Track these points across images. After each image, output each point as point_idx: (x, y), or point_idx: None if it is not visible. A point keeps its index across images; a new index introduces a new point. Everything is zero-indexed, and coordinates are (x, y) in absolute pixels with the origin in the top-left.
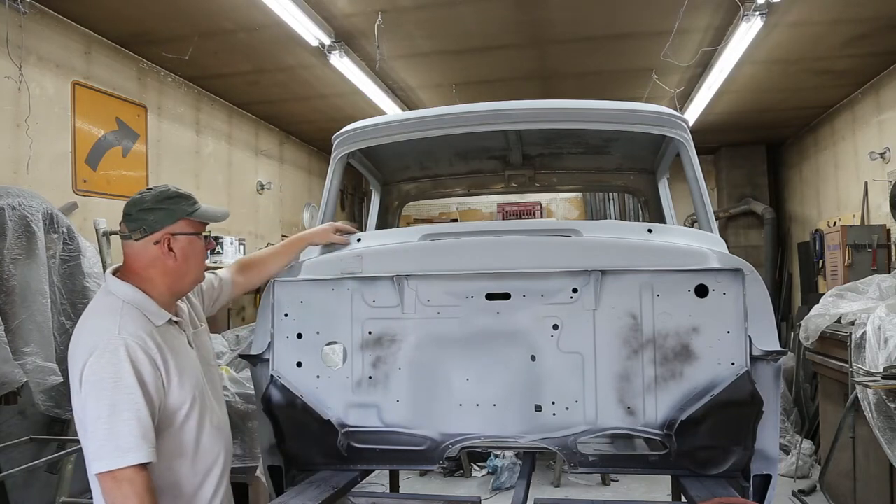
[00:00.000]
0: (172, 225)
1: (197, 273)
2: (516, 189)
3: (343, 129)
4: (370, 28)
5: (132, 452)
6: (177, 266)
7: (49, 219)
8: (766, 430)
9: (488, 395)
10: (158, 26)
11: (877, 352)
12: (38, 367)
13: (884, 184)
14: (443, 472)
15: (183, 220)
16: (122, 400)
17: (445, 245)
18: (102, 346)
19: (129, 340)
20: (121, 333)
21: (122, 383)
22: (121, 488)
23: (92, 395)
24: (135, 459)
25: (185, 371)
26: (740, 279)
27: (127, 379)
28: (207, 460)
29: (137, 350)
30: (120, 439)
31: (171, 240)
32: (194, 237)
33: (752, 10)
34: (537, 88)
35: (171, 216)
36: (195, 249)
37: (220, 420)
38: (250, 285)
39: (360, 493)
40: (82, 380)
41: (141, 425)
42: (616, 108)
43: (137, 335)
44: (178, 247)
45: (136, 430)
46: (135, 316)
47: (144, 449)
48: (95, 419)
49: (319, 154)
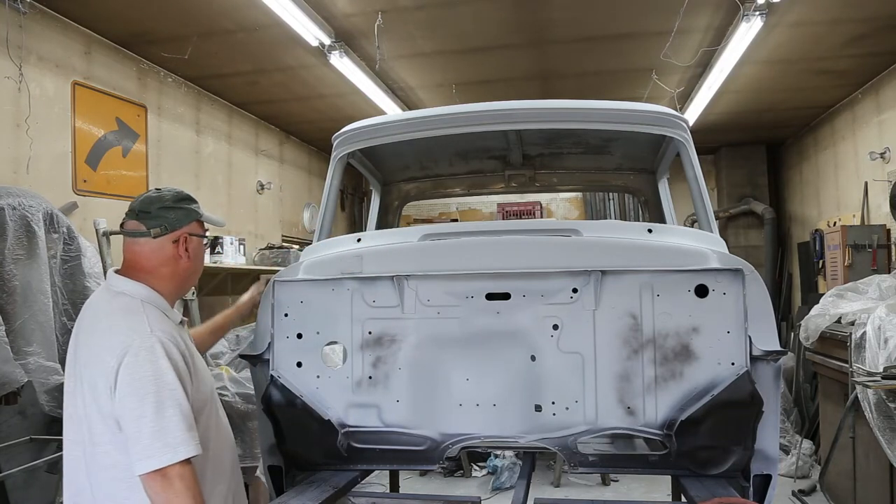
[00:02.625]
0: (189, 225)
1: (196, 276)
2: (516, 189)
3: (343, 129)
4: (370, 28)
5: (183, 446)
6: (188, 266)
7: (49, 219)
8: (766, 430)
9: (488, 395)
10: (158, 26)
11: (877, 352)
12: (41, 367)
13: (884, 184)
14: (443, 472)
15: (196, 222)
16: (166, 397)
17: (445, 245)
18: (137, 344)
19: (162, 337)
20: (153, 332)
21: (163, 380)
22: (173, 485)
23: (133, 395)
24: (185, 453)
25: (202, 370)
26: (740, 279)
27: (167, 375)
28: (220, 459)
29: (172, 346)
30: (168, 435)
31: (188, 240)
32: (202, 239)
33: (752, 10)
34: (537, 88)
35: (189, 216)
36: (199, 251)
37: (225, 420)
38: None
39: (360, 493)
40: (118, 380)
41: (185, 419)
42: (616, 108)
43: (168, 332)
44: (192, 247)
45: (183, 424)
46: (158, 314)
47: (193, 442)
48: (139, 418)
49: (319, 154)
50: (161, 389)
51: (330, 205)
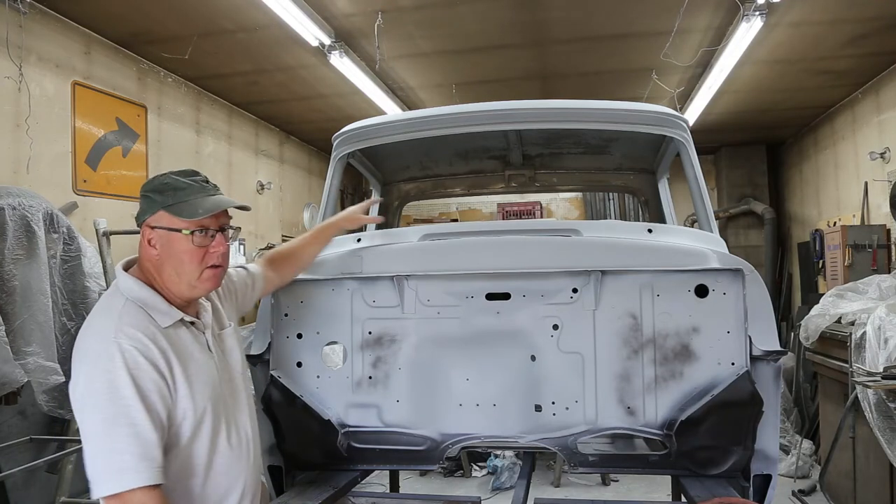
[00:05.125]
0: (153, 216)
1: (188, 276)
2: (516, 189)
3: (343, 129)
4: (370, 28)
5: (131, 473)
6: (161, 258)
7: (49, 219)
8: (766, 430)
9: (488, 395)
10: (158, 26)
11: (877, 352)
12: (40, 367)
13: (884, 184)
14: (443, 472)
15: (162, 212)
16: (118, 414)
17: (445, 245)
18: (96, 352)
19: (125, 344)
20: (117, 337)
21: (118, 394)
22: None
23: (87, 409)
24: (134, 482)
25: (198, 379)
26: (740, 279)
27: (123, 389)
28: (221, 486)
29: (137, 356)
30: (116, 460)
31: (149, 232)
32: (175, 234)
33: (752, 10)
34: (537, 88)
35: (152, 207)
36: (176, 248)
37: (244, 439)
38: (282, 280)
39: (360, 493)
40: (76, 389)
41: (140, 442)
42: (616, 108)
43: (136, 338)
44: (158, 242)
45: (135, 448)
46: (136, 316)
47: (146, 469)
48: (93, 436)
49: (319, 154)
50: (113, 405)
51: (330, 205)
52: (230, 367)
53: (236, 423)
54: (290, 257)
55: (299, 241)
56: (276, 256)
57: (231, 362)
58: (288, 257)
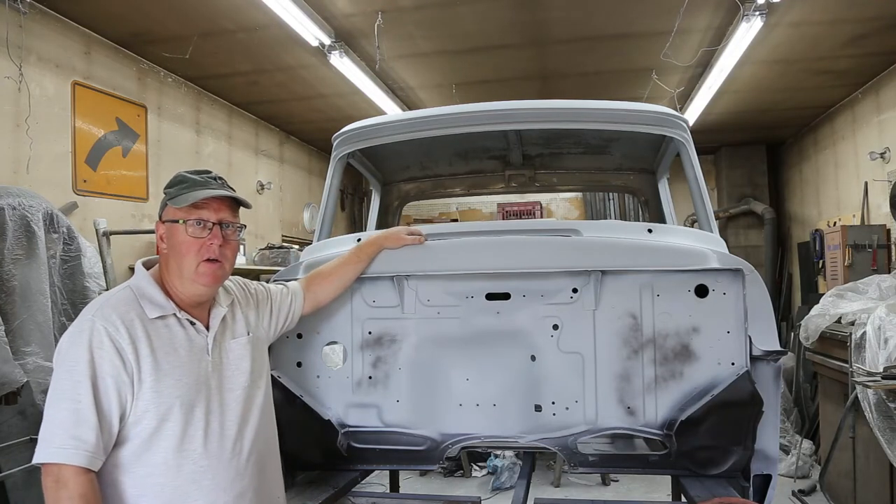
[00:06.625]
0: (164, 211)
1: (186, 268)
2: (516, 189)
3: (343, 129)
4: (370, 28)
5: (54, 448)
6: (167, 256)
7: (49, 219)
8: (766, 430)
9: (488, 395)
10: (158, 26)
11: (877, 352)
12: (39, 367)
13: (884, 184)
14: (443, 472)
15: (168, 207)
16: (67, 388)
17: (445, 245)
18: (76, 325)
19: (98, 324)
20: (94, 315)
21: (74, 369)
22: (47, 485)
23: (53, 376)
24: (55, 457)
25: (170, 375)
26: (740, 279)
27: (79, 365)
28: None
29: (103, 336)
30: (49, 430)
31: (161, 227)
32: (175, 225)
33: (752, 10)
34: (537, 88)
35: (164, 202)
36: (175, 239)
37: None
38: (324, 298)
39: (360, 493)
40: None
41: (75, 420)
42: (616, 108)
43: (110, 320)
44: (165, 235)
45: (69, 425)
46: (125, 301)
47: (71, 447)
48: (47, 402)
49: (319, 154)
50: (69, 378)
51: (330, 205)
52: (231, 376)
53: (222, 433)
54: (330, 276)
55: (339, 261)
56: (316, 275)
57: (233, 372)
58: (328, 276)
